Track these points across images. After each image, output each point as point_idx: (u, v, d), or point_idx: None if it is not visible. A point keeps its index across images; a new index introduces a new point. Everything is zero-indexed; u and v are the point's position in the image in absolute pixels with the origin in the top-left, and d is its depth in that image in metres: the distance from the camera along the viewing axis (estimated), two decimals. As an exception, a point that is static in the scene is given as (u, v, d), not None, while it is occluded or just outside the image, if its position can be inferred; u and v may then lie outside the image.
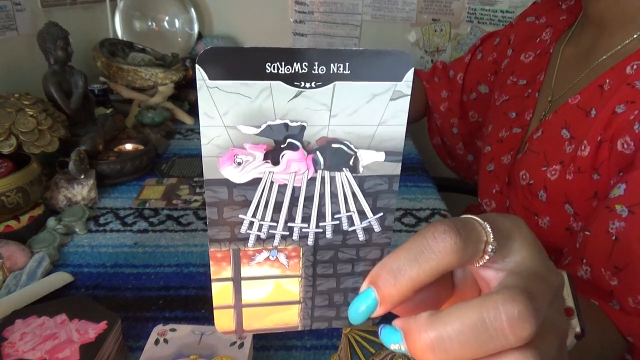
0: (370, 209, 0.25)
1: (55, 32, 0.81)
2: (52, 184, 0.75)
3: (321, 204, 0.24)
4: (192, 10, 1.42)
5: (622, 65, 0.59)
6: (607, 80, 0.60)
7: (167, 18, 1.42)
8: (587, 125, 0.60)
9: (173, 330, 0.47)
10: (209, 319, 0.57)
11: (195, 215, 0.76)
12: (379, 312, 0.22)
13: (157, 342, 0.45)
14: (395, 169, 0.24)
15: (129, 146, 0.92)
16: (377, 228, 0.25)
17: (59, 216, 0.71)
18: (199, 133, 1.24)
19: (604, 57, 0.64)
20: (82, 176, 0.76)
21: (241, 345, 0.45)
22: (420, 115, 1.10)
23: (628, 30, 0.62)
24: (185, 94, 1.22)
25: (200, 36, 1.45)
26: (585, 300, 0.50)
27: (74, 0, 1.18)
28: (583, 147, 0.59)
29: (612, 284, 0.49)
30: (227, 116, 0.22)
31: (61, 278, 0.59)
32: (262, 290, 0.25)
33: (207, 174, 0.22)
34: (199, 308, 0.57)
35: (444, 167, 1.16)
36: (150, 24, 1.41)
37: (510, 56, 0.85)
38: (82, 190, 0.76)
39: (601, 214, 0.53)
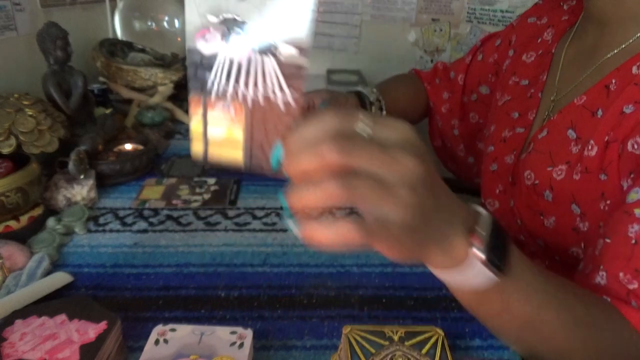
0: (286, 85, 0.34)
1: (55, 32, 0.81)
2: (52, 184, 0.75)
3: (256, 75, 0.33)
4: (192, 10, 1.42)
5: (627, 66, 0.59)
6: (613, 81, 0.60)
7: (166, 18, 1.42)
8: (593, 125, 0.60)
9: (173, 330, 0.47)
10: (209, 319, 0.57)
11: (195, 215, 0.76)
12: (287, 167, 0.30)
13: (157, 342, 0.45)
14: (305, 61, 0.32)
15: (128, 146, 0.92)
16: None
17: (58, 216, 0.71)
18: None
19: (608, 55, 0.64)
20: (82, 176, 0.76)
21: (241, 346, 0.45)
22: (421, 115, 1.09)
23: (629, 28, 0.62)
24: (185, 94, 1.22)
25: (200, 36, 1.45)
26: (593, 295, 0.49)
27: (74, 0, 1.18)
28: (590, 147, 0.59)
29: (629, 287, 0.49)
30: (201, 7, 0.32)
31: (61, 278, 0.59)
32: (220, 130, 0.35)
33: (189, 43, 0.33)
34: (198, 308, 0.57)
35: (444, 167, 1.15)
36: (150, 24, 1.41)
37: (512, 57, 0.85)
38: (81, 191, 0.76)
39: (620, 220, 0.52)
